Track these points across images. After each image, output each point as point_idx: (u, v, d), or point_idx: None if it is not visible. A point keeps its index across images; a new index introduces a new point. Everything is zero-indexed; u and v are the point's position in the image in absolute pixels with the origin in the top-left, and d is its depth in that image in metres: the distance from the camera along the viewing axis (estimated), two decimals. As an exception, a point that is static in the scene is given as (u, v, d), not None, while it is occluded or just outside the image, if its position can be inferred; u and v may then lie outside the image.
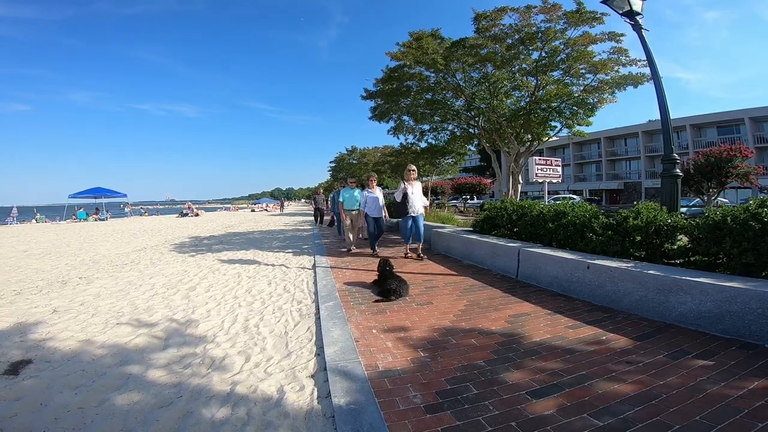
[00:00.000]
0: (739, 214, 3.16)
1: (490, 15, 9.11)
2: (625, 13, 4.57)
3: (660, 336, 2.85)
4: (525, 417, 1.88)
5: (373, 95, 12.20)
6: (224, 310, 4.16)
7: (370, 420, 1.90)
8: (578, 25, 8.59)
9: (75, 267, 7.38)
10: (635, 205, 4.13)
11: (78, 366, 2.77)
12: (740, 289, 2.73)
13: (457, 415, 1.92)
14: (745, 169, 13.88)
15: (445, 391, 2.17)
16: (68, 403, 2.26)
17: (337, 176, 38.57)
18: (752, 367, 2.28)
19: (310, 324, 3.62)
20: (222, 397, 2.31)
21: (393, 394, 2.16)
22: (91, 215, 28.22)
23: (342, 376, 2.39)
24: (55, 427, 2.03)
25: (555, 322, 3.28)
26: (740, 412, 1.83)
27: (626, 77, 8.89)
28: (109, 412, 2.15)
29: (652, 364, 2.40)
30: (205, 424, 2.02)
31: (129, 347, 3.12)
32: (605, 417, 1.85)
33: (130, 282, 5.72)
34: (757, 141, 29.28)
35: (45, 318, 3.96)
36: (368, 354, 2.72)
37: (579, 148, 44.64)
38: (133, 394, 2.35)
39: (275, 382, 2.49)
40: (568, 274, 4.10)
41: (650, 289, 3.29)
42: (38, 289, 5.44)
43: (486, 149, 12.31)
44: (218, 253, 8.70)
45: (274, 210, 45.58)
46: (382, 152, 28.65)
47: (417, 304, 3.96)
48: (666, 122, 4.48)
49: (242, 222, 22.50)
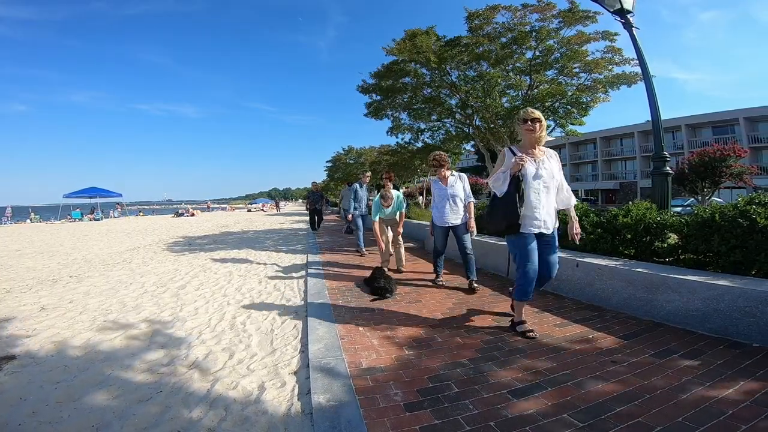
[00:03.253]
0: (728, 211, 3.15)
1: (483, 13, 9.11)
2: (616, 11, 4.56)
3: (647, 335, 2.83)
4: (504, 417, 1.85)
5: (369, 89, 12.15)
6: (212, 308, 4.13)
7: (348, 417, 1.88)
8: (572, 24, 8.60)
9: (67, 266, 7.33)
10: (627, 204, 4.12)
11: (61, 362, 2.76)
12: (728, 287, 2.72)
13: (436, 414, 1.89)
14: (740, 169, 13.89)
15: (426, 390, 2.14)
16: (47, 397, 2.25)
17: (333, 176, 38.49)
18: (738, 367, 2.26)
19: (297, 321, 3.60)
20: (202, 393, 2.29)
21: (374, 391, 2.14)
22: (87, 215, 28.10)
23: (324, 373, 2.37)
24: (31, 420, 2.03)
25: (542, 320, 3.26)
26: (724, 414, 1.80)
27: (620, 76, 8.91)
28: (87, 407, 2.15)
29: (638, 363, 2.38)
30: (182, 419, 2.00)
31: (114, 344, 3.10)
32: (586, 417, 1.82)
33: (120, 280, 5.69)
34: (751, 141, 29.34)
35: (32, 315, 3.95)
36: (352, 351, 2.70)
37: (575, 149, 44.71)
38: (112, 389, 2.35)
39: (257, 378, 2.47)
40: (557, 272, 4.07)
41: (639, 288, 3.28)
42: (28, 287, 5.40)
43: (480, 149, 12.31)
44: (211, 253, 8.67)
45: (270, 210, 45.48)
46: (378, 151, 28.61)
47: (405, 302, 3.93)
48: (657, 121, 4.47)
49: (237, 222, 22.44)
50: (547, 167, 2.82)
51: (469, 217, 4.33)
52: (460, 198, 4.33)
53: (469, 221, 4.32)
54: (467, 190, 4.41)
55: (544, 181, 2.80)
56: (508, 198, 2.77)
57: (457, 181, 4.39)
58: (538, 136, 2.82)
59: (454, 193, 4.31)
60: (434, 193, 4.53)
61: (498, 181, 2.85)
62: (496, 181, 2.86)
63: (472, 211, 4.36)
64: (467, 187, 4.42)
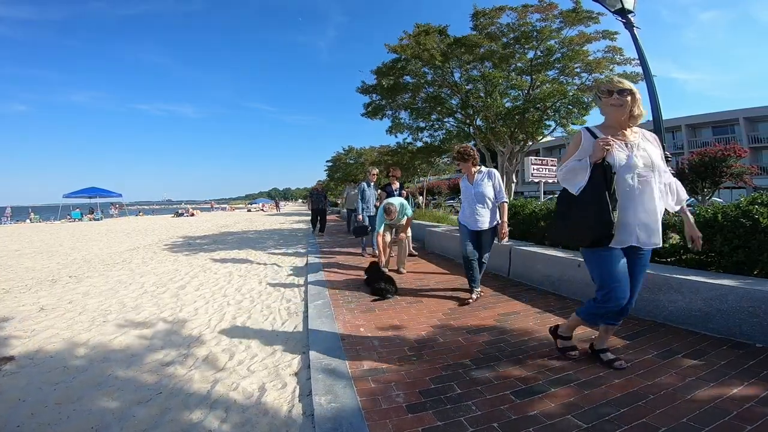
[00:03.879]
0: (730, 211, 3.14)
1: (490, 13, 9.12)
2: (617, 11, 4.55)
3: (650, 335, 2.82)
4: (508, 418, 1.84)
5: (369, 89, 12.12)
6: (212, 309, 4.11)
7: (350, 419, 1.86)
8: (574, 25, 8.60)
9: (66, 266, 7.31)
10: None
11: (60, 363, 2.74)
12: (731, 287, 2.70)
13: (438, 416, 1.88)
14: (740, 169, 13.92)
15: (428, 391, 2.12)
16: (46, 399, 2.24)
17: (333, 176, 38.44)
18: (742, 367, 2.25)
19: (297, 322, 3.58)
20: (202, 394, 2.27)
21: (376, 393, 2.12)
22: (86, 215, 28.08)
23: (325, 374, 2.35)
24: (30, 422, 2.01)
25: (544, 321, 3.24)
26: (729, 414, 1.78)
27: (620, 76, 8.90)
28: (86, 408, 2.13)
29: (641, 363, 2.37)
30: (182, 421, 1.99)
31: (113, 345, 3.08)
32: (590, 418, 1.81)
33: (120, 281, 5.67)
34: (751, 141, 29.36)
35: (31, 316, 3.93)
36: (353, 352, 2.68)
37: (576, 149, 44.69)
38: (112, 390, 2.33)
39: (257, 379, 2.45)
40: (559, 273, 4.07)
41: (641, 288, 3.25)
42: (27, 287, 5.38)
43: (481, 149, 12.30)
44: (211, 253, 8.65)
45: (270, 210, 45.48)
46: (378, 151, 28.60)
47: (407, 302, 3.92)
48: (658, 120, 4.45)
49: (237, 222, 22.42)
50: (645, 153, 2.08)
51: (502, 221, 3.78)
52: (489, 198, 3.78)
53: (501, 226, 3.77)
54: (498, 188, 3.83)
55: (641, 172, 2.05)
56: (592, 198, 2.02)
57: (486, 178, 3.85)
58: (633, 114, 2.09)
59: (482, 192, 3.78)
60: (461, 191, 4.06)
61: (571, 174, 2.12)
62: (567, 173, 2.13)
63: (505, 214, 3.80)
64: (498, 185, 3.84)
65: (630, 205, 2.05)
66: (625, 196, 2.05)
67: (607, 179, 2.00)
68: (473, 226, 3.81)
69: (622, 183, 2.05)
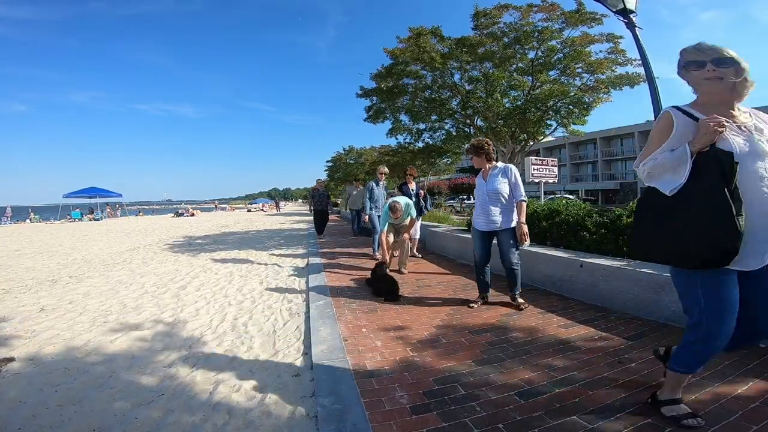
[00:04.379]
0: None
1: (491, 12, 9.11)
2: (619, 11, 4.53)
3: (653, 335, 2.81)
4: (513, 419, 1.83)
5: (369, 93, 12.13)
6: (213, 309, 4.10)
7: (354, 420, 1.85)
8: (576, 25, 8.59)
9: (66, 266, 7.30)
10: (630, 204, 4.09)
11: (61, 364, 2.74)
12: (734, 287, 2.69)
13: (443, 417, 1.87)
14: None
15: (432, 392, 2.11)
16: (47, 400, 2.23)
17: (333, 176, 38.47)
18: (746, 367, 2.24)
19: (299, 323, 3.57)
20: (204, 396, 2.26)
21: (379, 394, 2.11)
22: (87, 215, 28.08)
23: (328, 375, 2.34)
24: (31, 423, 2.00)
25: (547, 321, 3.23)
26: (734, 414, 1.78)
27: (622, 77, 8.91)
28: (87, 410, 2.12)
29: (645, 364, 2.36)
30: (184, 423, 1.97)
31: (114, 346, 3.07)
32: (595, 419, 1.80)
33: (120, 281, 5.66)
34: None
35: (31, 316, 3.93)
36: (356, 353, 2.67)
37: (575, 149, 44.73)
38: (113, 392, 2.32)
39: (260, 381, 2.44)
40: (561, 273, 4.06)
41: (643, 288, 3.25)
42: (27, 287, 5.38)
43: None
44: (212, 253, 8.64)
45: (270, 210, 45.47)
46: (379, 152, 28.60)
47: (409, 303, 3.91)
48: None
49: (238, 222, 22.41)
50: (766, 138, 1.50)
51: (520, 222, 3.51)
52: (503, 195, 3.51)
53: (520, 227, 3.49)
54: (515, 184, 3.52)
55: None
56: (704, 199, 1.44)
57: (500, 175, 3.56)
58: (740, 91, 1.52)
59: (496, 189, 3.50)
60: (476, 190, 3.80)
61: (662, 168, 1.57)
62: (656, 168, 1.59)
63: (523, 213, 3.52)
64: (515, 181, 3.52)
65: (759, 210, 1.44)
66: (754, 195, 1.44)
67: (725, 172, 1.42)
68: (484, 227, 3.61)
69: (749, 177, 1.44)
